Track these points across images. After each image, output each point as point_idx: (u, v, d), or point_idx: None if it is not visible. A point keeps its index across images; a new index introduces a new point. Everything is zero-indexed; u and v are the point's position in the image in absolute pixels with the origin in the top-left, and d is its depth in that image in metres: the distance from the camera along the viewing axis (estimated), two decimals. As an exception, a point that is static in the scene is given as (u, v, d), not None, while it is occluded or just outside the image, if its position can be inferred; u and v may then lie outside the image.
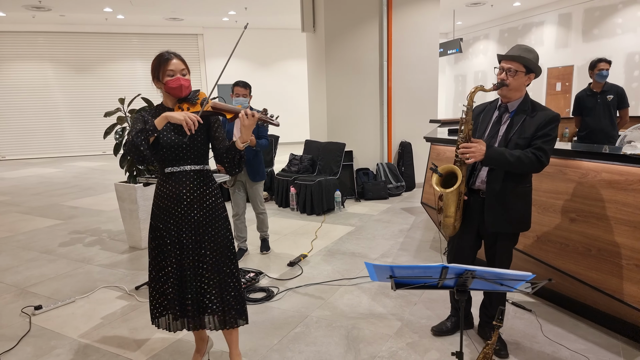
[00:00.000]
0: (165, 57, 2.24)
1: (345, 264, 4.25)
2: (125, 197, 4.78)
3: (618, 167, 2.64)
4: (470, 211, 2.58)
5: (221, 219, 2.38)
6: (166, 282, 2.32)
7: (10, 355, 2.82)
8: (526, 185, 2.50)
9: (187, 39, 14.85)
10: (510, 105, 2.50)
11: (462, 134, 2.44)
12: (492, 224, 2.49)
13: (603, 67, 4.92)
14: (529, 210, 2.53)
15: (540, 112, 2.42)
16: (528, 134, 2.40)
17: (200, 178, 2.33)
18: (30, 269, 4.36)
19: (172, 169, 2.30)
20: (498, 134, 2.50)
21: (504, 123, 2.50)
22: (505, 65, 2.41)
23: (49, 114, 14.10)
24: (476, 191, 2.56)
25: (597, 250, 2.75)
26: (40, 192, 8.41)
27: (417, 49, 7.47)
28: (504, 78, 2.40)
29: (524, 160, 2.33)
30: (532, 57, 2.39)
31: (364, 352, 2.73)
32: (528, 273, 1.47)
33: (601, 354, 2.63)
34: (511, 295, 3.43)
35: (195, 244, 2.32)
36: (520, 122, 2.43)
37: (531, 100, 2.49)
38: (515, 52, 2.39)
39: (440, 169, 2.43)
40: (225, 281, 2.35)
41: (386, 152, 7.53)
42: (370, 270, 1.60)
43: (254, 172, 4.29)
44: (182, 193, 2.29)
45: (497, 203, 2.46)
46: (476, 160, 2.35)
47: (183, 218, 2.30)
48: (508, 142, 2.44)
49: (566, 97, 12.35)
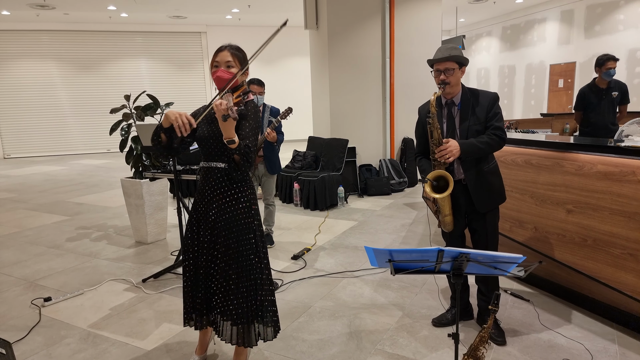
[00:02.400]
0: (218, 49, 2.25)
1: (348, 257, 4.32)
2: (131, 193, 4.86)
3: (613, 159, 2.70)
4: (456, 199, 2.76)
5: (241, 224, 2.27)
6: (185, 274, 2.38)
7: (21, 345, 2.90)
8: (493, 162, 2.77)
9: (190, 37, 14.92)
10: (455, 99, 2.70)
11: (433, 140, 2.62)
12: (481, 205, 2.71)
13: (611, 66, 4.90)
14: (502, 182, 2.80)
15: (482, 96, 2.67)
16: (482, 118, 2.64)
17: (224, 177, 2.26)
18: (39, 263, 4.45)
19: (203, 164, 2.33)
20: (456, 127, 2.68)
21: (456, 116, 2.69)
22: (440, 67, 2.60)
23: (53, 112, 14.20)
24: (457, 181, 2.74)
25: (592, 240, 2.81)
26: (46, 189, 8.51)
27: (420, 45, 7.53)
28: (444, 78, 2.59)
29: (491, 143, 2.60)
30: (459, 52, 2.60)
31: (365, 340, 2.81)
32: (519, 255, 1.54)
33: (596, 341, 2.70)
34: (510, 286, 3.50)
35: (210, 243, 2.30)
36: (470, 109, 2.65)
37: (467, 87, 2.70)
38: (445, 54, 2.58)
39: (429, 176, 2.60)
40: (233, 291, 2.26)
41: (389, 148, 7.60)
42: (370, 254, 1.67)
43: (271, 165, 4.47)
44: (206, 189, 2.30)
45: (479, 186, 2.69)
46: (455, 157, 2.54)
47: (203, 215, 2.32)
48: (468, 130, 2.64)
49: (568, 94, 12.38)
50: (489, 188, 2.71)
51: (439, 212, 2.72)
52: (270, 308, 2.37)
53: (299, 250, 4.54)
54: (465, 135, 2.65)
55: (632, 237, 2.59)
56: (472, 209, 2.75)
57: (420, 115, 2.84)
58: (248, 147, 2.12)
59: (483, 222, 2.75)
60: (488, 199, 2.72)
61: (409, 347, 2.71)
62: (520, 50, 14.03)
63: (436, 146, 2.60)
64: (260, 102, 4.31)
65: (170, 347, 2.82)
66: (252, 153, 2.16)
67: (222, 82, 2.21)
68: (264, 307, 2.34)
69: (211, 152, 2.27)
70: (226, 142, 2.08)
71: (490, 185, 2.72)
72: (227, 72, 2.21)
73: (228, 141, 2.08)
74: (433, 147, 2.62)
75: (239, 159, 2.13)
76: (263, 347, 2.77)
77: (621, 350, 2.60)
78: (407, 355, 2.63)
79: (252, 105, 2.28)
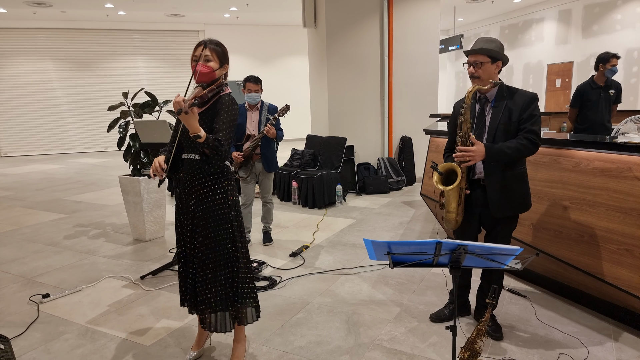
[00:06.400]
0: (197, 44, 2.30)
1: (346, 254, 4.33)
2: (129, 190, 4.86)
3: (610, 156, 2.72)
4: (472, 202, 2.65)
5: (218, 215, 2.32)
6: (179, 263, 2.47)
7: (20, 340, 2.90)
8: (522, 168, 2.60)
9: (188, 36, 14.90)
10: (489, 95, 2.59)
11: (460, 132, 2.53)
12: (497, 210, 2.57)
13: (615, 63, 4.95)
14: (528, 190, 2.63)
15: (519, 95, 2.52)
16: (515, 118, 2.49)
17: (202, 168, 2.31)
18: (36, 260, 4.44)
19: (184, 155, 2.40)
20: (485, 125, 2.59)
21: (488, 114, 2.59)
22: (471, 60, 2.52)
23: (50, 110, 14.16)
24: (476, 181, 2.64)
25: (589, 236, 2.83)
26: (44, 187, 8.49)
27: (418, 44, 7.54)
28: (472, 71, 2.52)
29: (520, 149, 2.44)
30: (494, 46, 2.49)
31: (363, 336, 2.82)
32: (517, 247, 1.55)
33: (593, 336, 2.72)
34: (507, 282, 3.52)
35: (192, 233, 2.36)
36: (503, 108, 2.52)
37: (507, 85, 2.59)
38: (478, 46, 2.50)
39: (440, 167, 2.51)
40: (211, 281, 2.33)
41: (387, 146, 7.61)
42: (368, 247, 1.68)
43: (268, 163, 4.46)
44: (186, 180, 2.37)
45: (499, 190, 2.55)
46: (476, 162, 2.44)
47: (184, 206, 2.38)
48: (496, 130, 2.53)
49: (566, 94, 12.41)
50: (509, 194, 2.54)
51: (444, 207, 2.62)
52: (250, 294, 2.44)
53: (298, 247, 4.55)
54: (494, 135, 2.52)
55: (628, 233, 2.61)
56: (488, 212, 2.61)
57: (455, 110, 2.71)
58: (218, 140, 2.15)
59: (495, 227, 2.64)
60: (506, 205, 2.56)
61: (407, 342, 2.72)
62: (518, 50, 14.07)
63: (462, 140, 2.51)
64: (256, 100, 4.32)
65: (168, 342, 2.82)
66: (223, 147, 2.18)
67: (200, 77, 2.27)
68: (243, 294, 2.40)
69: (191, 143, 2.32)
70: (192, 137, 2.12)
71: (511, 192, 2.54)
72: (206, 66, 2.27)
73: (194, 136, 2.11)
74: (459, 140, 2.53)
75: (208, 152, 2.17)
76: (262, 343, 2.77)
77: (617, 345, 2.62)
78: (404, 350, 2.64)
79: (228, 99, 2.31)
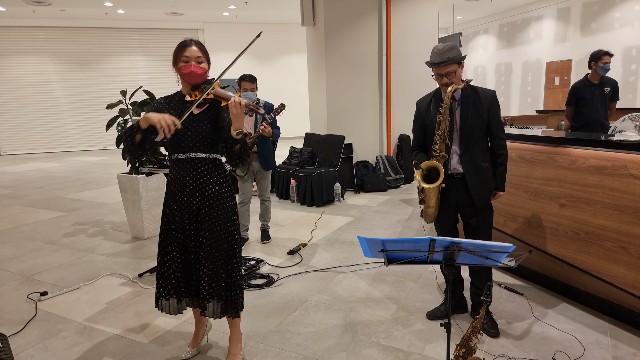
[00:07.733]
0: (183, 44, 2.30)
1: (344, 252, 4.34)
2: (127, 188, 4.87)
3: (605, 153, 2.73)
4: (448, 193, 2.77)
5: (223, 209, 2.37)
6: (170, 267, 2.41)
7: (17, 338, 2.91)
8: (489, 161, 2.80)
9: (187, 34, 14.88)
10: (456, 94, 2.71)
11: (439, 131, 2.65)
12: (480, 201, 2.72)
13: (607, 61, 4.98)
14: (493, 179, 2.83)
15: (481, 91, 2.68)
16: (483, 114, 2.65)
17: (205, 166, 2.35)
18: (35, 258, 4.45)
19: (177, 155, 2.36)
20: (455, 122, 2.70)
21: (456, 111, 2.71)
22: (442, 72, 2.60)
23: (49, 109, 14.16)
24: (449, 175, 2.76)
25: (585, 234, 2.84)
26: (42, 185, 8.50)
27: (417, 43, 7.55)
28: (447, 81, 2.60)
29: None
30: (457, 52, 2.60)
31: (360, 333, 2.83)
32: (510, 244, 1.56)
33: (589, 333, 2.73)
34: (504, 280, 3.53)
35: (196, 230, 2.38)
36: (471, 104, 2.66)
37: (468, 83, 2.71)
38: (444, 58, 2.57)
39: (423, 165, 2.65)
40: (217, 272, 2.35)
41: (385, 145, 7.62)
42: (363, 244, 1.69)
43: (265, 161, 4.45)
44: (186, 180, 2.35)
45: (478, 182, 2.71)
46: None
47: (185, 204, 2.37)
48: (468, 127, 2.66)
49: (564, 92, 12.41)
50: (487, 183, 2.74)
51: (424, 202, 2.77)
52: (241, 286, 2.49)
53: (295, 245, 4.56)
54: (465, 131, 2.66)
55: (624, 230, 2.62)
56: (467, 204, 2.76)
57: (420, 108, 2.83)
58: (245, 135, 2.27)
59: (478, 217, 2.77)
60: (487, 195, 2.75)
61: (404, 340, 2.73)
62: (517, 48, 14.07)
63: (440, 137, 2.63)
64: (252, 98, 4.32)
65: (165, 340, 2.83)
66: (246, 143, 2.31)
67: (195, 77, 2.30)
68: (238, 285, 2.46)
69: (188, 143, 2.32)
70: (236, 133, 2.20)
71: (488, 180, 2.74)
72: (200, 67, 2.30)
73: (238, 132, 2.20)
74: (437, 137, 2.66)
75: (239, 148, 2.26)
76: (259, 340, 2.79)
77: (613, 342, 2.63)
78: (401, 347, 2.66)
79: None
